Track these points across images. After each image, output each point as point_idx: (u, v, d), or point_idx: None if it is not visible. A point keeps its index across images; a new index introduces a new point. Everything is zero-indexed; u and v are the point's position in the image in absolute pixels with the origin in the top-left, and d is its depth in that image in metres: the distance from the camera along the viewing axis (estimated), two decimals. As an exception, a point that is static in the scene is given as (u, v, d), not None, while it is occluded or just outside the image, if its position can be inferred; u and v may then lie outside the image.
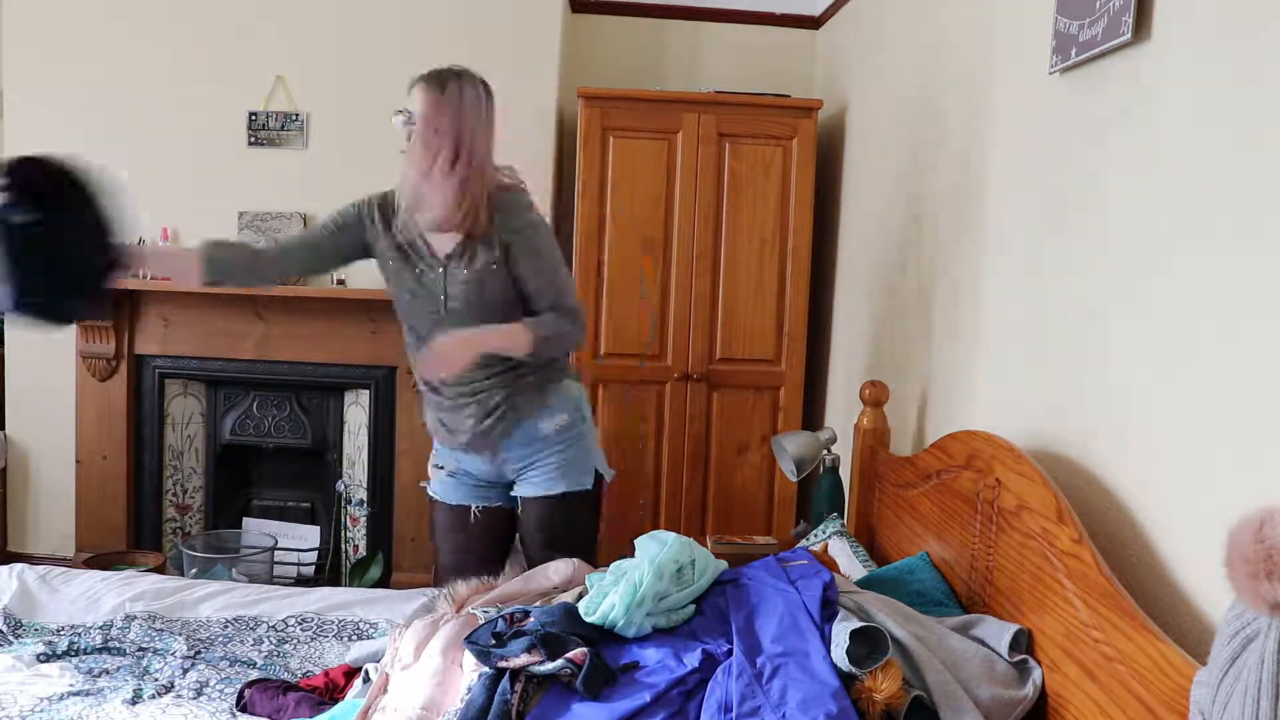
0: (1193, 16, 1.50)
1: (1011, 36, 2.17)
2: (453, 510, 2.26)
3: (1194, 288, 1.46)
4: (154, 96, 3.71)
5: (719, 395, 3.55)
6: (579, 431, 2.20)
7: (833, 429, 2.88)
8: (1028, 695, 1.56)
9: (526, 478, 2.19)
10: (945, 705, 1.49)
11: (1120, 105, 1.69)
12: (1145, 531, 1.55)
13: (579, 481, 2.19)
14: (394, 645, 1.78)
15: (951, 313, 2.45)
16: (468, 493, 2.26)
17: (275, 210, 3.75)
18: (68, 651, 2.06)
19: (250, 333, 3.79)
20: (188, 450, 3.95)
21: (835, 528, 2.48)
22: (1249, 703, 0.95)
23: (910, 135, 2.85)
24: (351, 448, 3.94)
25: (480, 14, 3.70)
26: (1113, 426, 1.67)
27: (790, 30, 4.02)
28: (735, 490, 3.59)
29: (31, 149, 3.77)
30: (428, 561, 3.78)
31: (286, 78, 3.73)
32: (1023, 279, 2.06)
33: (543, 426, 2.15)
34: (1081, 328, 1.79)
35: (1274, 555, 0.88)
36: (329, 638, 2.25)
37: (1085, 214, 1.80)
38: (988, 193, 2.26)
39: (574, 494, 2.19)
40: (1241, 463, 1.34)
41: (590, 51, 4.00)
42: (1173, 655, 1.27)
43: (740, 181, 3.49)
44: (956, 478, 2.03)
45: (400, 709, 1.53)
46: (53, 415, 3.82)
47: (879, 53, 3.25)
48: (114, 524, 3.83)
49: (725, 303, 3.52)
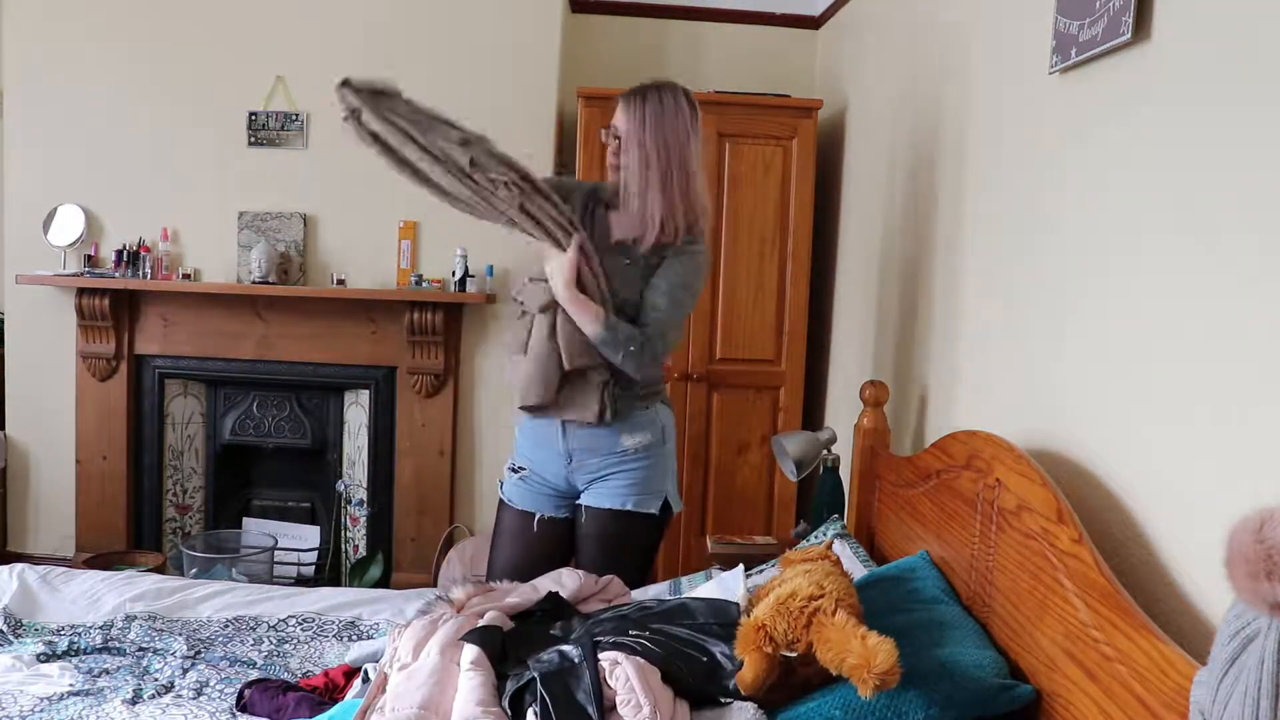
0: (1193, 16, 1.50)
1: (1011, 36, 2.17)
2: (518, 515, 2.24)
3: (1194, 288, 1.46)
4: (154, 96, 3.71)
5: (719, 395, 3.55)
6: (659, 454, 2.19)
7: (833, 429, 2.88)
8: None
9: (595, 488, 2.17)
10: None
11: (1120, 105, 1.69)
12: (1145, 531, 1.55)
13: (647, 503, 2.17)
14: (393, 645, 1.78)
15: (951, 312, 2.45)
16: (535, 498, 2.23)
17: (275, 210, 3.75)
18: (68, 651, 2.06)
19: (250, 333, 3.79)
20: (188, 450, 3.95)
21: (836, 529, 2.48)
22: (1249, 703, 0.95)
23: (910, 135, 2.85)
24: (351, 448, 3.94)
25: (480, 14, 3.70)
26: (1113, 426, 1.67)
27: (790, 30, 4.02)
28: (735, 490, 3.59)
29: (32, 149, 3.79)
30: (428, 562, 3.78)
31: (286, 78, 3.73)
32: (1023, 279, 2.06)
33: (624, 440, 2.13)
34: (1082, 327, 1.79)
35: (1274, 555, 0.88)
36: (329, 638, 2.25)
37: (1085, 214, 1.80)
38: (987, 192, 2.26)
39: (639, 515, 2.17)
40: (1242, 463, 1.34)
41: (590, 51, 4.00)
42: (1173, 655, 1.27)
43: (740, 181, 3.49)
44: (956, 478, 2.03)
45: (399, 708, 1.53)
46: (53, 415, 3.82)
47: (879, 53, 3.25)
48: (114, 524, 3.83)
49: (725, 302, 3.52)
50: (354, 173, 3.74)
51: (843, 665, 1.44)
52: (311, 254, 3.79)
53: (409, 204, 3.76)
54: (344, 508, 3.91)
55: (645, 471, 2.16)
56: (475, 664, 1.63)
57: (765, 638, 1.54)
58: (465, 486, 3.87)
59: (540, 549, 2.22)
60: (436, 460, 3.82)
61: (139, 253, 3.70)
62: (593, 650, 1.62)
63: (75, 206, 3.72)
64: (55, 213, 3.71)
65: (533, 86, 3.71)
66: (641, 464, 2.16)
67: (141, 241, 3.73)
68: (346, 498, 3.91)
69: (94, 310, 3.68)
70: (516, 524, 2.24)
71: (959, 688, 1.53)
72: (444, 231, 3.72)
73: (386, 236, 3.77)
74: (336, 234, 3.79)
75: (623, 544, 2.18)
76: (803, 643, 1.53)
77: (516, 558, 2.22)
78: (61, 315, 3.77)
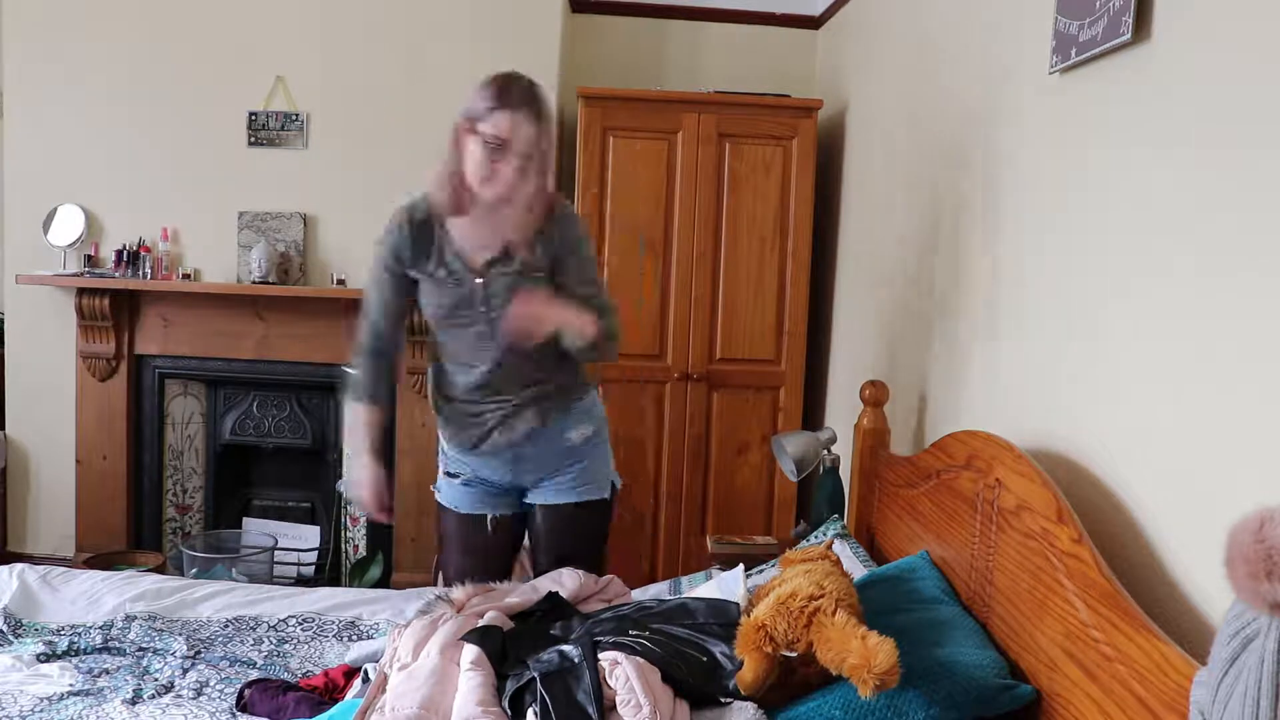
0: (1193, 16, 1.50)
1: (1011, 36, 2.17)
2: (466, 519, 2.20)
3: (1193, 287, 1.46)
4: (154, 96, 3.71)
5: (719, 395, 3.55)
6: (600, 441, 2.19)
7: (833, 429, 2.88)
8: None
9: (545, 486, 2.16)
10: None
11: (1120, 105, 1.69)
12: (1145, 531, 1.55)
13: (597, 491, 2.18)
14: (393, 645, 1.78)
15: (951, 312, 2.45)
16: (482, 501, 2.20)
17: (275, 210, 3.75)
18: (68, 651, 2.07)
19: (250, 333, 3.79)
20: (188, 450, 3.95)
21: (836, 529, 2.48)
22: (1249, 703, 0.95)
23: (910, 135, 2.85)
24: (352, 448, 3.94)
25: (480, 14, 3.70)
26: (1112, 426, 1.67)
27: (790, 30, 4.02)
28: (735, 490, 3.59)
29: (31, 149, 3.79)
30: (428, 562, 3.78)
31: (286, 78, 3.72)
32: (1022, 278, 2.06)
33: (571, 436, 2.13)
34: (1081, 327, 1.79)
35: (1274, 555, 0.88)
36: (329, 638, 2.25)
37: (1084, 214, 1.80)
38: (987, 192, 2.26)
39: (592, 503, 2.17)
40: (1241, 463, 1.34)
41: (590, 51, 4.00)
42: (1173, 655, 1.27)
43: (740, 181, 3.49)
44: (956, 478, 2.03)
45: (399, 708, 1.53)
46: (53, 415, 3.82)
47: (879, 53, 3.25)
48: (114, 524, 3.83)
49: (725, 302, 3.52)
50: (354, 173, 3.74)
51: (843, 665, 1.44)
52: (311, 254, 3.79)
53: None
54: (344, 508, 3.91)
55: (592, 462, 2.17)
56: (475, 664, 1.63)
57: (765, 637, 1.54)
58: (465, 486, 3.87)
59: (494, 549, 2.20)
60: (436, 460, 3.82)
61: (139, 253, 3.70)
62: (592, 650, 1.62)
63: (75, 206, 3.72)
64: (55, 213, 3.71)
65: (533, 86, 3.71)
66: (588, 456, 2.16)
67: (141, 241, 3.73)
68: (346, 498, 3.91)
69: (94, 310, 3.68)
70: (466, 528, 2.20)
71: (959, 688, 1.53)
72: (444, 231, 3.72)
73: (386, 236, 3.76)
74: (336, 234, 3.79)
75: (579, 533, 2.19)
76: (803, 643, 1.53)
77: (471, 561, 2.19)
78: (61, 315, 3.77)
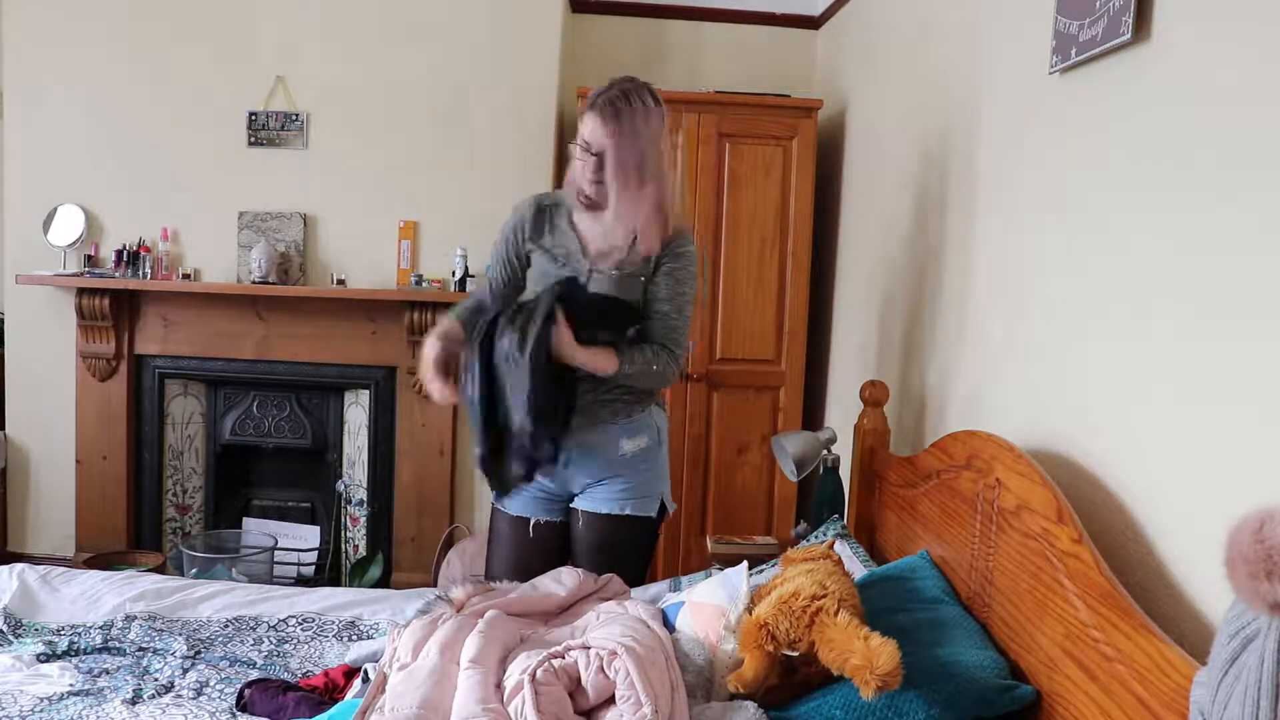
0: (1193, 16, 1.50)
1: (1011, 36, 2.17)
2: (513, 520, 2.22)
3: (1193, 287, 1.46)
4: (154, 96, 3.71)
5: (719, 395, 3.55)
6: (656, 457, 2.18)
7: (833, 429, 2.88)
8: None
9: (593, 493, 2.15)
10: None
11: (1120, 105, 1.69)
12: (1145, 531, 1.55)
13: (645, 507, 2.16)
14: (392, 645, 1.78)
15: (951, 312, 2.45)
16: (529, 503, 2.20)
17: (275, 210, 3.75)
18: (68, 651, 2.06)
19: (250, 333, 3.79)
20: (188, 450, 3.95)
21: (836, 529, 2.48)
22: (1249, 703, 0.95)
23: (910, 135, 2.85)
24: (351, 448, 3.94)
25: (480, 14, 3.70)
26: (1112, 426, 1.67)
27: (790, 30, 4.02)
28: (735, 490, 3.59)
29: (32, 149, 3.79)
30: (428, 562, 3.78)
31: (286, 78, 3.73)
32: (1021, 278, 2.06)
33: (624, 445, 2.12)
34: (1080, 327, 1.79)
35: (1274, 555, 0.88)
36: (329, 638, 2.24)
37: (1084, 214, 1.80)
38: (987, 192, 2.26)
39: (637, 519, 2.16)
40: (1241, 463, 1.34)
41: (590, 51, 4.00)
42: (1173, 655, 1.27)
43: (741, 181, 3.49)
44: (956, 478, 2.03)
45: (398, 708, 1.53)
46: (53, 415, 3.82)
47: (879, 53, 3.25)
48: (114, 524, 3.83)
49: (725, 302, 3.52)
50: (354, 173, 3.74)
51: (845, 666, 1.44)
52: (311, 254, 3.79)
53: (409, 204, 3.76)
54: (344, 508, 3.91)
55: (643, 475, 2.15)
56: (474, 662, 1.63)
57: (767, 636, 1.54)
58: (465, 486, 3.87)
59: (538, 553, 2.20)
60: (436, 460, 3.82)
61: (139, 253, 3.70)
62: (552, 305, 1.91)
63: (75, 206, 3.72)
64: (55, 213, 3.71)
65: (533, 86, 3.71)
66: (639, 468, 2.15)
67: (141, 241, 3.73)
68: (346, 498, 3.91)
69: (94, 310, 3.68)
70: (512, 529, 2.23)
71: (960, 688, 1.53)
72: (444, 231, 3.73)
73: (386, 236, 3.77)
74: (336, 234, 3.79)
75: (621, 547, 2.17)
76: (804, 642, 1.53)
77: (515, 562, 2.21)
78: (61, 315, 3.77)
